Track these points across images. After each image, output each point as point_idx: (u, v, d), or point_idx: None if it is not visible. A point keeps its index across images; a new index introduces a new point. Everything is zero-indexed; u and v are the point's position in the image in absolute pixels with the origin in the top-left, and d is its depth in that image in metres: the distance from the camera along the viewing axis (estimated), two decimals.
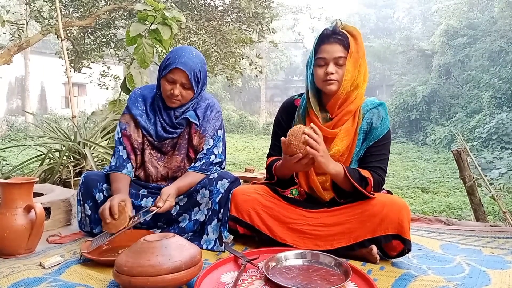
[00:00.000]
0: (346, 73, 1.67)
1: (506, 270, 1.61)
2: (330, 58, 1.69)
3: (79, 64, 8.63)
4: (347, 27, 1.71)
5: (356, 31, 1.71)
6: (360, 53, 1.69)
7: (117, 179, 1.84)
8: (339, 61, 1.69)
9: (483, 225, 2.48)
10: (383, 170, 1.75)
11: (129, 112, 1.95)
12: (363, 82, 1.74)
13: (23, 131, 14.61)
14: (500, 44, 15.11)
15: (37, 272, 1.46)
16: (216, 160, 1.93)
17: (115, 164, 1.91)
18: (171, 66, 1.79)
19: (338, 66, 1.69)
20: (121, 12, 7.78)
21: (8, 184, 1.66)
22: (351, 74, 1.69)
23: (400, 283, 1.45)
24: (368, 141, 1.75)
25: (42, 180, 3.04)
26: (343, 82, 1.68)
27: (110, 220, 1.60)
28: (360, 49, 1.70)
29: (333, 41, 1.69)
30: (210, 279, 1.41)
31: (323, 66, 1.71)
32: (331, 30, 1.71)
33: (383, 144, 1.75)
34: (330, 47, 1.69)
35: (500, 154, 11.19)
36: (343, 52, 1.68)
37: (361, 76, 1.72)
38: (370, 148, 1.75)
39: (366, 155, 1.76)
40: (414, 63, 20.56)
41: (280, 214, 1.76)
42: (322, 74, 1.71)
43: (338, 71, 1.69)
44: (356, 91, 1.73)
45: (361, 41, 1.70)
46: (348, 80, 1.69)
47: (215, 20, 7.84)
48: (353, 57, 1.68)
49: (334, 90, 1.71)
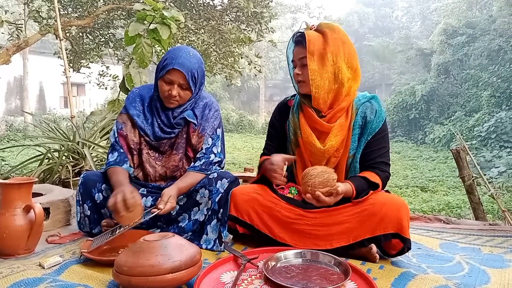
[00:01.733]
0: (311, 72, 1.69)
1: (505, 268, 1.62)
2: (296, 60, 1.77)
3: (78, 64, 8.61)
4: (319, 26, 1.75)
5: (328, 27, 1.72)
6: (328, 49, 1.68)
7: (117, 172, 1.82)
8: (304, 62, 1.72)
9: (482, 223, 2.48)
10: (387, 163, 1.76)
11: (126, 112, 1.94)
12: (350, 78, 1.72)
13: (22, 131, 14.59)
14: (499, 42, 15.10)
15: (37, 272, 1.46)
16: (216, 159, 1.93)
17: (115, 159, 1.88)
18: (168, 67, 1.78)
19: (303, 66, 1.73)
20: (120, 11, 7.77)
21: (7, 185, 1.66)
22: (318, 72, 1.69)
23: (399, 282, 1.45)
24: (365, 136, 1.75)
25: (41, 180, 3.03)
26: (312, 82, 1.69)
27: (124, 213, 1.59)
28: (328, 44, 1.68)
29: (297, 43, 1.77)
30: (209, 279, 1.41)
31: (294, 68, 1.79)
32: (299, 35, 1.76)
33: (382, 137, 1.76)
34: (296, 50, 1.78)
35: (499, 153, 11.20)
36: (303, 52, 1.71)
37: (343, 71, 1.69)
38: (370, 143, 1.75)
39: (367, 151, 1.76)
40: (413, 62, 20.54)
41: (279, 214, 1.75)
42: (294, 76, 1.79)
43: (304, 72, 1.73)
44: (343, 88, 1.71)
45: (332, 37, 1.69)
46: (316, 79, 1.69)
47: (214, 19, 7.83)
48: (316, 55, 1.69)
49: (303, 91, 1.77)
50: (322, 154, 1.76)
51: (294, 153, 1.85)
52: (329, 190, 1.57)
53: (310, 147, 1.77)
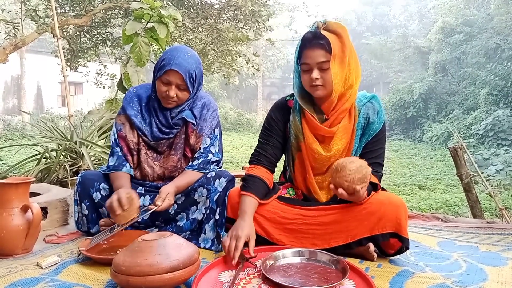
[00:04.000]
0: (334, 76, 1.62)
1: (503, 266, 1.62)
2: (313, 63, 1.64)
3: (76, 63, 8.59)
4: (330, 26, 1.65)
5: (341, 28, 1.65)
6: (346, 51, 1.63)
7: (118, 177, 1.84)
8: (323, 66, 1.63)
9: (480, 222, 2.49)
10: (381, 164, 1.76)
11: (124, 113, 1.94)
12: (356, 78, 1.69)
13: (19, 131, 14.56)
14: (496, 41, 15.14)
15: (34, 272, 1.45)
16: (214, 159, 1.92)
17: (114, 163, 1.90)
18: (165, 68, 1.77)
19: (322, 70, 1.64)
20: (117, 10, 7.75)
21: (5, 184, 1.65)
22: (340, 75, 1.64)
23: (397, 281, 1.45)
24: (366, 136, 1.75)
25: (39, 179, 3.02)
26: (334, 86, 1.64)
27: (120, 211, 1.60)
28: (346, 47, 1.63)
29: (314, 45, 1.63)
30: (208, 278, 1.41)
31: (308, 71, 1.66)
32: (312, 33, 1.65)
33: (380, 138, 1.76)
34: (312, 52, 1.63)
35: (497, 151, 11.23)
36: (325, 56, 1.62)
37: (353, 74, 1.67)
38: (368, 144, 1.75)
39: (365, 151, 1.75)
40: (410, 60, 20.59)
41: (276, 215, 1.73)
42: (308, 80, 1.66)
43: (323, 76, 1.64)
44: (350, 90, 1.68)
45: (346, 37, 1.64)
46: (338, 83, 1.64)
47: (212, 18, 7.81)
48: (338, 58, 1.63)
49: (321, 95, 1.67)
50: (328, 159, 1.74)
51: (294, 157, 1.83)
52: (364, 186, 1.54)
53: (313, 153, 1.74)
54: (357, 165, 1.52)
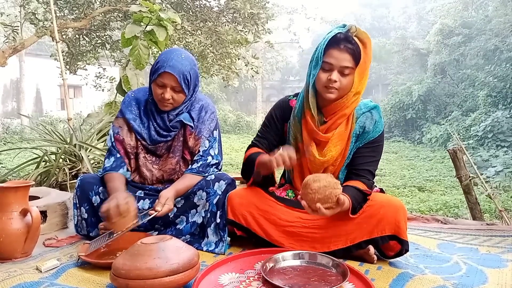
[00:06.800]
0: (353, 84, 1.63)
1: (503, 268, 1.62)
2: (336, 65, 1.61)
3: (75, 66, 8.58)
4: (360, 34, 1.63)
5: (368, 38, 1.63)
6: (367, 63, 1.64)
7: (112, 179, 1.82)
8: (345, 71, 1.61)
9: (480, 223, 2.49)
10: (372, 173, 1.72)
11: (122, 116, 1.94)
12: (363, 87, 1.70)
13: (18, 134, 14.54)
14: (495, 42, 15.16)
15: (34, 276, 1.45)
16: (213, 162, 1.92)
17: (111, 165, 1.88)
18: (160, 70, 1.77)
19: (342, 75, 1.62)
20: (116, 13, 7.74)
21: (4, 188, 1.65)
22: (356, 85, 1.64)
23: (397, 283, 1.45)
24: (358, 143, 1.74)
25: (38, 183, 3.02)
26: (349, 93, 1.64)
27: (118, 219, 1.58)
28: (368, 59, 1.63)
29: (343, 48, 1.60)
30: (207, 281, 1.41)
31: (327, 71, 1.64)
32: (343, 35, 1.62)
33: (374, 147, 1.74)
34: (339, 54, 1.60)
35: (496, 152, 11.23)
36: (351, 62, 1.61)
37: (363, 83, 1.68)
38: (360, 149, 1.74)
39: (355, 156, 1.74)
40: (409, 62, 20.60)
41: (276, 217, 1.74)
42: (324, 80, 1.64)
43: (341, 80, 1.62)
44: (355, 97, 1.68)
45: (370, 49, 1.64)
46: (352, 92, 1.65)
47: (211, 21, 7.82)
48: (361, 68, 1.62)
49: (332, 97, 1.66)
50: (322, 164, 1.75)
51: None
52: (329, 206, 1.50)
53: (309, 155, 1.75)
54: (321, 184, 1.48)
